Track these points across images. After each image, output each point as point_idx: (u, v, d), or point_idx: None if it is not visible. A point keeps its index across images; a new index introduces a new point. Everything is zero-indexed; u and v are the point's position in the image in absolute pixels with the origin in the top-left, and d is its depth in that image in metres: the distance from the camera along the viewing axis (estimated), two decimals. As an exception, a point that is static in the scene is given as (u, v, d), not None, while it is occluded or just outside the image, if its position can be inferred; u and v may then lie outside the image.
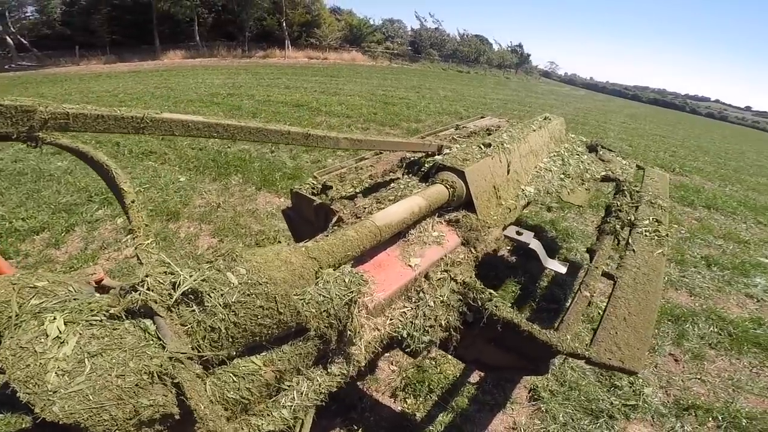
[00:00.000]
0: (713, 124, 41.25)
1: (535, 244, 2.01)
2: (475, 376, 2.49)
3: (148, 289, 0.81)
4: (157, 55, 24.72)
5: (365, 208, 1.82)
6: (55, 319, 0.78)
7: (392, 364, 2.55)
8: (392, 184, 2.12)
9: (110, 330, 0.77)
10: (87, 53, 22.44)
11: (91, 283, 0.98)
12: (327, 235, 1.37)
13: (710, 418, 2.43)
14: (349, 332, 1.11)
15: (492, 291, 1.48)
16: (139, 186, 4.52)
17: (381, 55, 35.35)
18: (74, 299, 0.86)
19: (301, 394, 1.03)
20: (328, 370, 1.10)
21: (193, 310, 0.83)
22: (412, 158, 2.45)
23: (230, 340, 0.86)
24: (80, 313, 0.80)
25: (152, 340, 0.77)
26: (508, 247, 3.74)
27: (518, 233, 2.00)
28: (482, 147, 2.21)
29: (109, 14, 24.39)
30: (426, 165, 2.21)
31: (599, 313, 2.08)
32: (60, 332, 0.76)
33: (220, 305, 0.85)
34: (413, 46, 40.62)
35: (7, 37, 21.85)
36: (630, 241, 2.06)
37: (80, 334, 0.76)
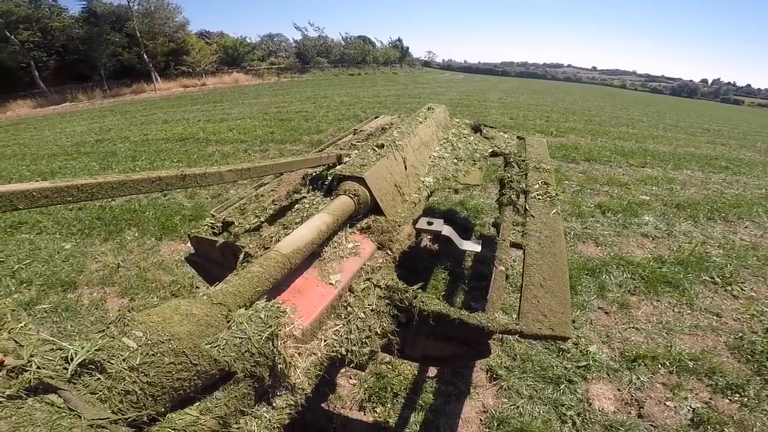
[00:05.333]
0: (571, 86, 48.29)
1: (447, 230, 2.06)
2: (432, 370, 2.50)
3: (38, 368, 0.74)
4: (-8, 109, 20.65)
5: (272, 237, 1.70)
6: None
7: (351, 378, 2.48)
8: (297, 205, 2.02)
9: (15, 409, 0.70)
10: None
11: None
12: (234, 276, 1.27)
13: (659, 365, 2.52)
14: (279, 365, 1.08)
15: (415, 288, 1.48)
16: (17, 263, 3.81)
17: (266, 72, 33.97)
18: None
19: None
20: (274, 405, 1.07)
21: (99, 379, 0.76)
22: (314, 173, 2.37)
23: (152, 398, 0.81)
24: None
25: (65, 412, 0.71)
26: (429, 236, 3.86)
27: (429, 223, 2.04)
28: (376, 149, 2.21)
29: None
30: (328, 178, 2.15)
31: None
32: None
33: (125, 369, 0.78)
34: (300, 57, 39.72)
35: None
36: (527, 207, 2.21)
37: None
